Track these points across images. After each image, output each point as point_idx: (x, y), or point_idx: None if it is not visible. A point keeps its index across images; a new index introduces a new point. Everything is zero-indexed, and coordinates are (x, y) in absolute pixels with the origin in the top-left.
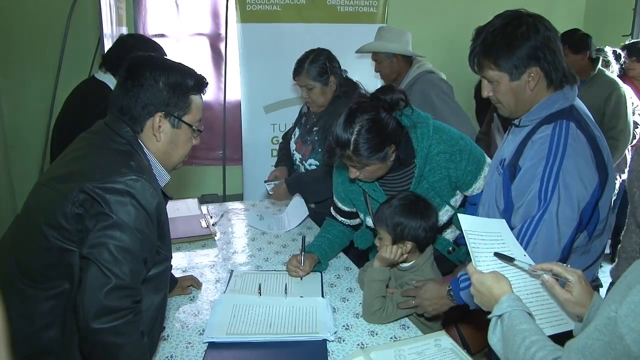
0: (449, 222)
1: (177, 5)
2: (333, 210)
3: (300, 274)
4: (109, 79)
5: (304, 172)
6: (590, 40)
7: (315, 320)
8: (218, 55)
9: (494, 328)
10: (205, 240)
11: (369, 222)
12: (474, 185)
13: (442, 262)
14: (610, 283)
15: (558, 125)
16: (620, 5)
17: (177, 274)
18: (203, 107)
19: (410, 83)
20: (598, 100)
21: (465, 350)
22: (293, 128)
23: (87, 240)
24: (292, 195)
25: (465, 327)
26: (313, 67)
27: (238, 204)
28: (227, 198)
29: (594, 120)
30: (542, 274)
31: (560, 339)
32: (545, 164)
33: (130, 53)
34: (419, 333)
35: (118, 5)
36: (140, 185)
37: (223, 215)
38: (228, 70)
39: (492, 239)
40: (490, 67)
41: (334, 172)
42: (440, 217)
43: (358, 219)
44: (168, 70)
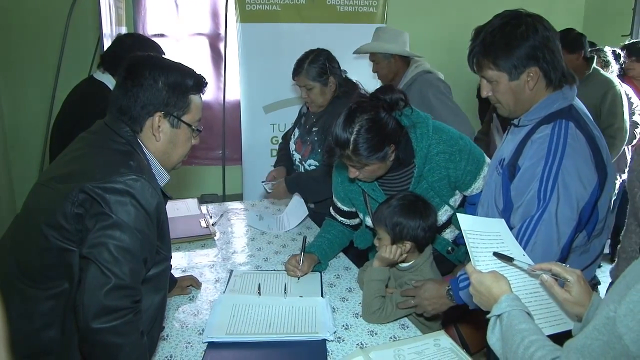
0: (448, 222)
1: (176, 5)
2: (333, 210)
3: (299, 274)
4: (108, 79)
5: (304, 171)
6: (585, 40)
7: (315, 320)
8: (217, 55)
9: (493, 328)
10: (205, 240)
11: (369, 221)
12: (474, 185)
13: (441, 262)
14: (610, 283)
15: (557, 125)
16: (620, 5)
17: (176, 274)
18: (202, 106)
19: (408, 83)
20: (594, 100)
21: (465, 350)
22: (293, 128)
23: (86, 240)
24: (291, 194)
25: (465, 326)
26: (312, 67)
27: (237, 204)
28: (226, 198)
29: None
30: (541, 274)
31: (559, 339)
32: (545, 164)
33: (129, 53)
34: (419, 333)
35: (118, 5)
36: (140, 185)
37: (222, 215)
38: (227, 70)
39: (491, 239)
40: (490, 66)
41: (334, 172)
42: (440, 217)
43: (358, 219)
44: (167, 70)
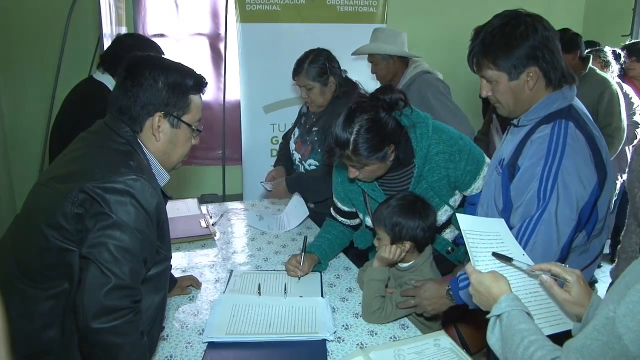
0: (448, 222)
1: (176, 5)
2: (333, 211)
3: (299, 274)
4: (107, 79)
5: (304, 172)
6: (581, 40)
7: (315, 320)
8: (217, 55)
9: (493, 328)
10: (205, 240)
11: (369, 222)
12: (473, 185)
13: (441, 262)
14: (610, 283)
15: (557, 125)
16: (620, 6)
17: (176, 274)
18: (202, 106)
19: (407, 84)
20: (590, 99)
21: (465, 350)
22: (293, 128)
23: (86, 240)
24: (291, 194)
25: (465, 326)
26: (312, 67)
27: (237, 204)
28: (226, 198)
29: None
30: (540, 274)
31: (559, 339)
32: (544, 164)
33: (128, 53)
34: (418, 333)
35: (118, 5)
36: (140, 185)
37: (222, 215)
38: (227, 70)
39: (490, 239)
40: (489, 66)
41: (334, 172)
42: (439, 217)
43: (358, 219)
44: (167, 70)
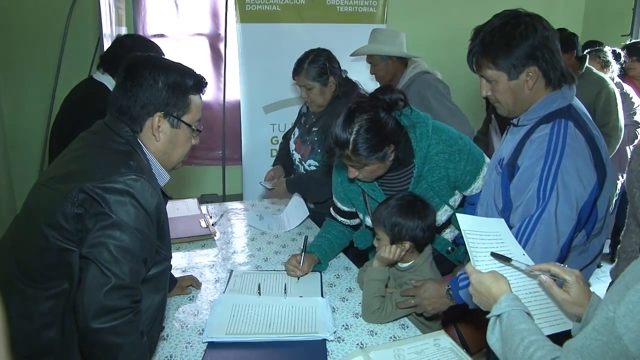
0: (448, 222)
1: (176, 6)
2: (333, 211)
3: (299, 274)
4: (107, 80)
5: (304, 172)
6: (577, 40)
7: (315, 320)
8: (217, 55)
9: (493, 328)
10: (205, 240)
11: (368, 222)
12: (473, 185)
13: (441, 262)
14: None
15: (556, 125)
16: (620, 5)
17: (176, 274)
18: (202, 107)
19: (407, 84)
20: (587, 99)
21: (465, 350)
22: (293, 128)
23: (86, 240)
24: (291, 194)
25: (465, 326)
26: (312, 67)
27: (237, 204)
28: (226, 198)
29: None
30: (539, 275)
31: (559, 339)
32: (544, 163)
33: (128, 53)
34: (418, 333)
35: (118, 6)
36: (140, 185)
37: (222, 215)
38: (227, 70)
39: (490, 239)
40: (489, 66)
41: (334, 172)
42: (439, 217)
43: (358, 219)
44: (167, 70)
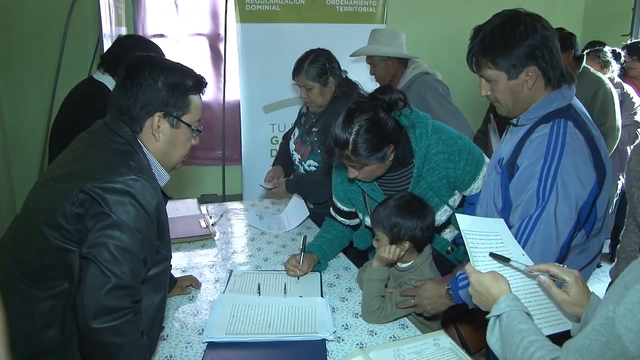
0: (448, 222)
1: (176, 6)
2: (332, 211)
3: (298, 274)
4: (107, 80)
5: (304, 173)
6: (575, 39)
7: (315, 320)
8: (217, 56)
9: (493, 328)
10: (205, 240)
11: (368, 222)
12: (473, 185)
13: (440, 262)
14: (610, 283)
15: (556, 124)
16: (620, 6)
17: (176, 274)
18: (202, 107)
19: (407, 85)
20: (584, 99)
21: (464, 350)
22: (293, 128)
23: (86, 240)
24: (291, 194)
25: (464, 326)
26: (312, 67)
27: (237, 204)
28: (226, 198)
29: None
30: (538, 275)
31: (559, 339)
32: (544, 163)
33: (129, 54)
34: (418, 332)
35: (117, 5)
36: (140, 185)
37: (222, 215)
38: (227, 71)
39: (490, 239)
40: (488, 66)
41: (333, 172)
42: (439, 217)
43: (357, 219)
44: (167, 70)
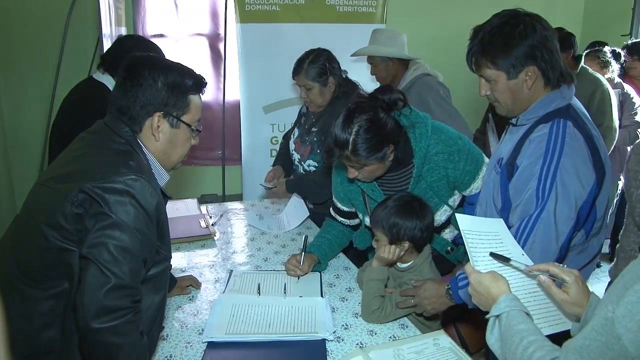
0: (448, 222)
1: (176, 6)
2: (332, 211)
3: (299, 274)
4: (108, 80)
5: (304, 173)
6: (574, 39)
7: (315, 320)
8: (217, 56)
9: (492, 328)
10: (205, 240)
11: (368, 222)
12: (472, 185)
13: (440, 261)
14: (609, 282)
15: (555, 124)
16: (619, 6)
17: (176, 274)
18: (202, 107)
19: (408, 86)
20: (582, 99)
21: (464, 350)
22: (293, 128)
23: (86, 240)
24: (290, 194)
25: (464, 326)
26: (312, 67)
27: (237, 204)
28: (226, 198)
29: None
30: (538, 275)
31: (558, 339)
32: (543, 163)
33: (128, 54)
34: (418, 332)
35: (117, 6)
36: (140, 185)
37: (222, 215)
38: (227, 71)
39: (489, 239)
40: (488, 65)
41: (333, 172)
42: (439, 217)
43: (357, 219)
44: (167, 70)
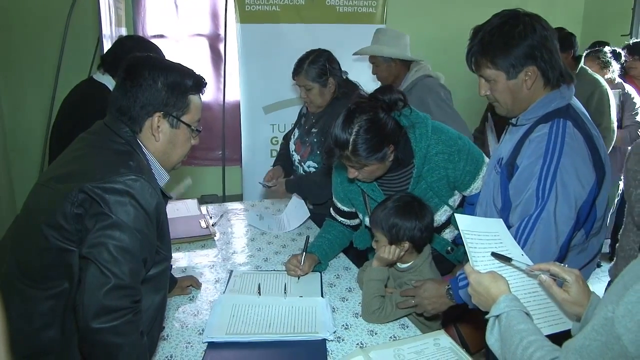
0: (448, 222)
1: (176, 6)
2: (332, 211)
3: (299, 274)
4: (108, 80)
5: (304, 174)
6: (575, 39)
7: (315, 320)
8: (217, 56)
9: (492, 328)
10: (205, 241)
11: (368, 222)
12: (473, 185)
13: (440, 262)
14: (609, 282)
15: (555, 124)
16: (619, 6)
17: (176, 274)
18: (202, 107)
19: (409, 87)
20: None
21: (464, 350)
22: (293, 129)
23: (86, 240)
24: (290, 194)
25: (464, 326)
26: (312, 68)
27: (237, 205)
28: (226, 198)
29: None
30: (539, 274)
31: (558, 339)
32: (543, 162)
33: (128, 54)
34: (418, 332)
35: (117, 6)
36: (140, 185)
37: (222, 216)
38: (227, 71)
39: (489, 239)
40: (488, 65)
41: (333, 172)
42: (439, 217)
43: (357, 219)
44: (167, 71)
